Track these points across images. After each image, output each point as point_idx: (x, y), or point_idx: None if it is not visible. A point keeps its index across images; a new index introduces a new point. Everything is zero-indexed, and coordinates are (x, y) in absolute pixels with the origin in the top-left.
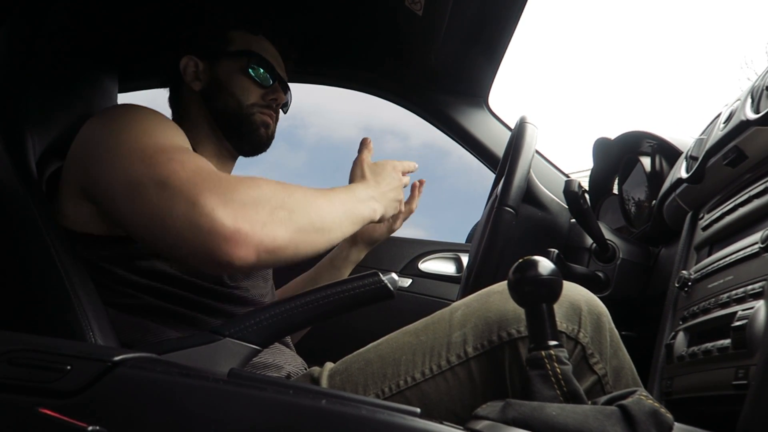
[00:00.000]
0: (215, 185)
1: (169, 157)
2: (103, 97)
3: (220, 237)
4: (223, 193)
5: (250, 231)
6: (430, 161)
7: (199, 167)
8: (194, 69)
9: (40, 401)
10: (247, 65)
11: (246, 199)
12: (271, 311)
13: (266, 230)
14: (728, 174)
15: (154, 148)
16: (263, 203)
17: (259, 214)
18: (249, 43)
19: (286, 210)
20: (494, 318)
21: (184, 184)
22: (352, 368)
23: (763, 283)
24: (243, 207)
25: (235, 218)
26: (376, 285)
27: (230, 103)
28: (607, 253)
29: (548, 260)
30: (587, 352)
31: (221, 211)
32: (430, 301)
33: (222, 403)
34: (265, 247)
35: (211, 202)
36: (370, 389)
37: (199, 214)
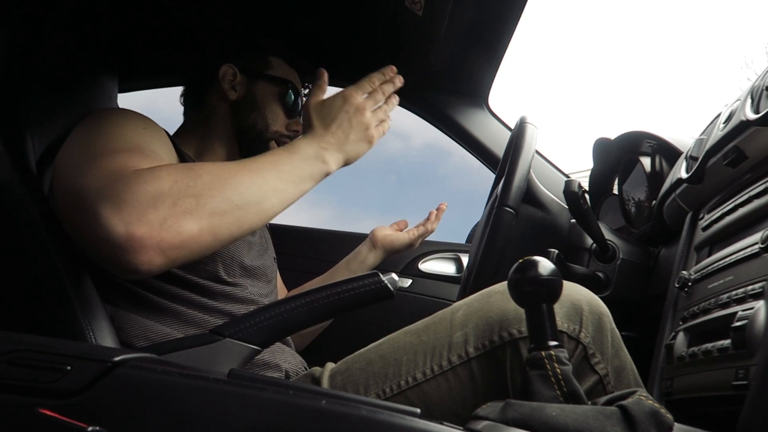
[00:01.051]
0: (112, 190)
1: (94, 165)
2: (103, 97)
3: (116, 247)
4: (118, 197)
5: (145, 233)
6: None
7: (109, 171)
8: (232, 79)
9: (40, 402)
10: (285, 93)
11: (142, 198)
12: (271, 311)
13: (166, 227)
14: (728, 174)
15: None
16: (162, 197)
17: (158, 211)
18: (286, 72)
19: (190, 197)
20: (495, 318)
21: (88, 195)
22: (353, 368)
23: (763, 284)
24: (137, 208)
25: (128, 222)
26: (376, 285)
27: (259, 123)
28: (607, 254)
29: (548, 260)
30: (588, 352)
31: (114, 218)
32: (430, 301)
33: (222, 404)
34: (170, 244)
35: (106, 211)
36: (372, 389)
37: (97, 225)
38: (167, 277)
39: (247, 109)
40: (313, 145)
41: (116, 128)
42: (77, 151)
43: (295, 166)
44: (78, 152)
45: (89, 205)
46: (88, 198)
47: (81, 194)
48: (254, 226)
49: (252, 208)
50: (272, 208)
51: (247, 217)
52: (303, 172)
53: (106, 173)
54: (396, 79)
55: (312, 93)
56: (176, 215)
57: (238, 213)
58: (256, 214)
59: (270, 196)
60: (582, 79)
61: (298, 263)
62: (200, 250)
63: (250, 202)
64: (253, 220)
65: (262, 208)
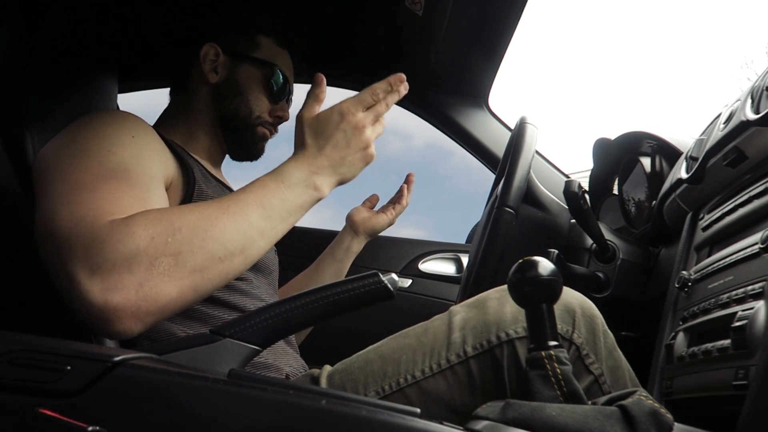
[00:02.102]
0: (84, 247)
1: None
2: (103, 96)
3: (92, 314)
4: (91, 257)
5: (121, 301)
6: (433, 161)
7: (82, 216)
8: (214, 59)
9: (40, 401)
10: (269, 77)
11: (116, 259)
12: (271, 311)
13: (143, 292)
14: (728, 174)
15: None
16: (137, 259)
17: (133, 275)
18: (275, 54)
19: (168, 256)
20: (492, 320)
21: (61, 244)
22: (352, 367)
23: (763, 284)
24: (111, 271)
25: (104, 290)
26: (376, 285)
27: (242, 109)
28: (607, 254)
29: (548, 261)
30: (582, 352)
31: (88, 282)
32: (430, 301)
33: (222, 404)
34: (147, 310)
35: (78, 272)
36: (371, 387)
37: (70, 288)
38: None
39: (228, 94)
40: (303, 169)
41: (101, 144)
42: (58, 165)
43: (284, 198)
44: (59, 167)
45: (62, 257)
46: (61, 247)
47: (52, 234)
48: (238, 275)
49: (237, 257)
50: (258, 251)
51: (232, 267)
52: (292, 205)
53: (80, 218)
54: (401, 87)
55: (306, 104)
56: (153, 278)
57: (221, 266)
58: (241, 262)
59: (256, 240)
60: (582, 79)
61: (298, 263)
62: (181, 310)
63: (235, 251)
64: (238, 269)
65: (247, 255)
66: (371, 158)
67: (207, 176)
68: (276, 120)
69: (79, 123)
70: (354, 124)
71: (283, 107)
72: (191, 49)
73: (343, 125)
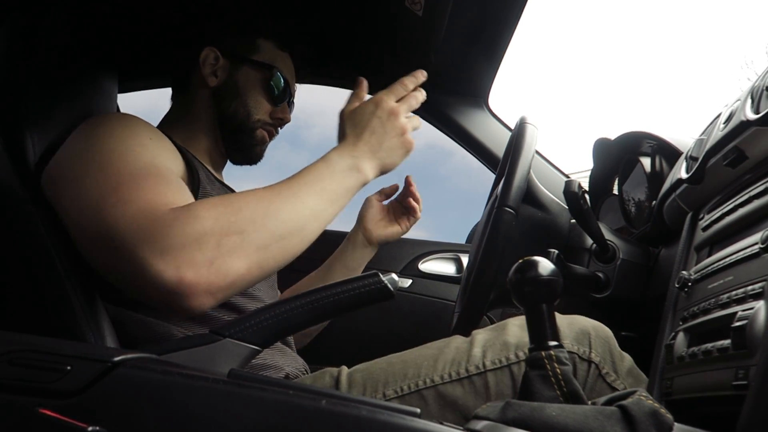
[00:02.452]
0: (151, 232)
1: (118, 198)
2: (103, 97)
3: (166, 292)
4: (159, 241)
5: (194, 277)
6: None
7: (141, 209)
8: (213, 63)
9: (40, 402)
10: (268, 79)
11: (185, 240)
12: (271, 311)
13: (215, 268)
14: (728, 174)
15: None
16: (206, 237)
17: (203, 252)
18: (275, 57)
19: (233, 234)
20: (512, 341)
21: (124, 235)
22: (374, 367)
23: (763, 284)
24: (182, 251)
25: (177, 267)
26: (376, 285)
27: (240, 112)
28: (607, 254)
29: (548, 261)
30: (602, 370)
31: (160, 263)
32: (431, 301)
33: (222, 404)
34: (219, 285)
35: (149, 254)
36: (390, 386)
37: (141, 270)
38: None
39: (227, 97)
40: (345, 157)
41: (124, 144)
42: (87, 171)
43: (331, 182)
44: (88, 173)
45: (128, 249)
46: (124, 241)
47: (110, 235)
48: (297, 254)
49: (295, 236)
50: (313, 232)
51: (291, 245)
52: (340, 188)
53: (137, 212)
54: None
55: (348, 101)
56: (223, 255)
57: (282, 243)
58: (299, 241)
59: (311, 221)
60: (582, 79)
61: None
62: (247, 286)
63: (293, 230)
64: (296, 248)
65: (304, 235)
66: (410, 145)
67: (211, 178)
68: (277, 122)
69: (90, 128)
70: (388, 110)
71: (284, 109)
72: (191, 52)
73: (378, 112)
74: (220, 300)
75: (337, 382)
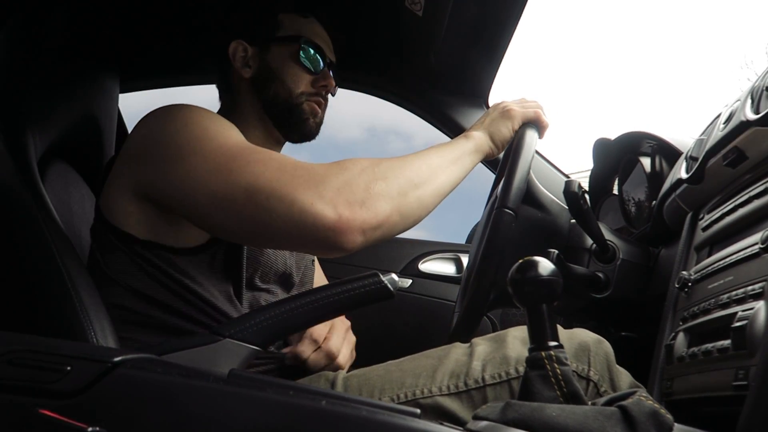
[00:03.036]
0: (306, 179)
1: (246, 160)
2: (104, 97)
3: (326, 229)
4: (316, 185)
5: (350, 215)
6: None
7: (281, 163)
8: (243, 54)
9: (40, 402)
10: (298, 51)
11: (338, 185)
12: (271, 312)
13: (366, 207)
14: (728, 174)
15: (225, 154)
16: (356, 182)
17: (355, 194)
18: (299, 27)
19: (379, 180)
20: (512, 355)
21: (274, 185)
22: (371, 374)
23: (763, 284)
24: (338, 193)
25: (335, 206)
26: (376, 285)
27: (281, 92)
28: (607, 254)
29: (548, 261)
30: (600, 389)
31: (320, 203)
32: (430, 301)
33: (222, 404)
34: (370, 224)
35: (308, 197)
36: (386, 393)
37: (300, 211)
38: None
39: (265, 82)
40: (463, 134)
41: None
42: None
43: (451, 145)
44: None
45: (286, 197)
46: (276, 191)
47: (256, 190)
48: (431, 205)
49: (428, 186)
50: (442, 185)
51: (425, 195)
52: (456, 151)
53: (280, 166)
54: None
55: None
56: (372, 197)
57: (418, 192)
58: (432, 192)
59: (438, 174)
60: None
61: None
62: (390, 230)
63: (425, 180)
64: (429, 198)
65: (435, 186)
66: (510, 111)
67: None
68: (321, 89)
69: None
70: (503, 106)
71: (326, 75)
72: (219, 52)
73: (497, 107)
74: (370, 240)
75: (333, 386)
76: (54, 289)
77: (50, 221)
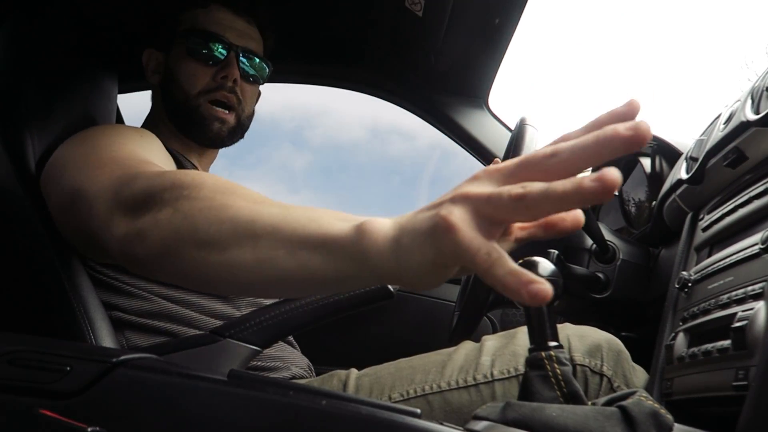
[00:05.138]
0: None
1: (87, 174)
2: (103, 97)
3: None
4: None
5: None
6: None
7: (109, 182)
8: (154, 63)
9: (40, 402)
10: (190, 45)
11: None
12: (271, 312)
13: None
14: (728, 175)
15: (88, 169)
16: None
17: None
18: (194, 19)
19: (175, 207)
20: (521, 351)
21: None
22: (381, 372)
23: (763, 284)
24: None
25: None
26: (376, 286)
27: (178, 95)
28: (607, 254)
29: (548, 261)
30: (614, 384)
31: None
32: (431, 301)
33: (222, 404)
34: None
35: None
36: (396, 389)
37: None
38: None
39: (168, 86)
40: (360, 227)
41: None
42: (73, 164)
43: (329, 224)
44: (74, 165)
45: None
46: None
47: (83, 197)
48: (206, 274)
49: (214, 250)
50: (240, 266)
51: (205, 257)
52: (327, 240)
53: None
54: None
55: None
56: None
57: (195, 251)
58: (215, 260)
59: (254, 253)
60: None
61: None
62: (144, 255)
63: (217, 242)
64: (208, 266)
65: (223, 259)
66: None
67: None
68: (222, 81)
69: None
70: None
71: (227, 64)
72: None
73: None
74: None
75: (345, 386)
76: (53, 289)
77: (48, 222)
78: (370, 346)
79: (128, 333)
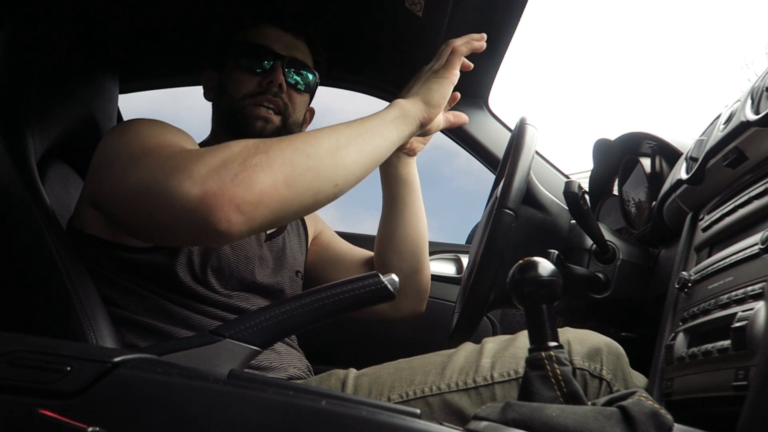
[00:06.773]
0: (181, 164)
1: (153, 156)
2: (104, 97)
3: (193, 208)
4: (188, 167)
5: (217, 189)
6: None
7: (172, 155)
8: (211, 82)
9: (40, 402)
10: (237, 57)
11: (213, 163)
12: (271, 312)
13: (239, 180)
14: (728, 175)
15: (143, 151)
16: (232, 159)
17: (228, 169)
18: (244, 37)
19: (260, 153)
20: (521, 354)
21: (157, 178)
22: (381, 372)
23: (763, 284)
24: (209, 171)
25: (202, 183)
26: (376, 285)
27: (226, 102)
28: (607, 254)
29: (548, 261)
30: (613, 388)
31: (187, 183)
32: (431, 302)
33: (222, 405)
34: (245, 199)
35: (177, 181)
36: (396, 390)
37: (170, 197)
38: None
39: (221, 99)
40: (390, 104)
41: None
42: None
43: (369, 116)
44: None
45: (158, 188)
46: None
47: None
48: (334, 178)
49: (327, 158)
50: (349, 157)
51: (323, 166)
52: (373, 120)
53: (165, 156)
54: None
55: None
56: (247, 170)
57: (311, 162)
58: (333, 163)
59: (344, 145)
60: (582, 79)
61: None
62: (278, 206)
63: (322, 150)
64: (329, 170)
65: (339, 158)
66: (445, 76)
67: None
68: (268, 86)
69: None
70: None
71: (271, 71)
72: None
73: (426, 72)
74: (254, 219)
75: (344, 385)
76: (54, 289)
77: (49, 222)
78: (370, 346)
79: (124, 330)
